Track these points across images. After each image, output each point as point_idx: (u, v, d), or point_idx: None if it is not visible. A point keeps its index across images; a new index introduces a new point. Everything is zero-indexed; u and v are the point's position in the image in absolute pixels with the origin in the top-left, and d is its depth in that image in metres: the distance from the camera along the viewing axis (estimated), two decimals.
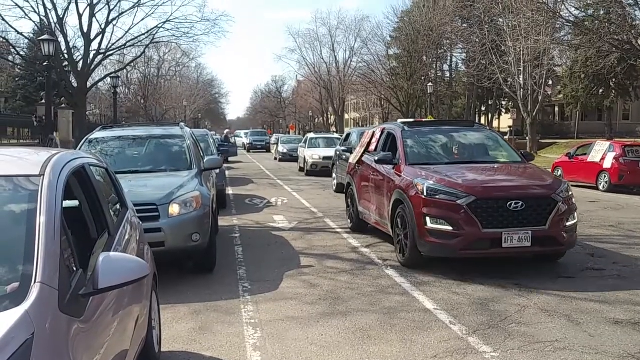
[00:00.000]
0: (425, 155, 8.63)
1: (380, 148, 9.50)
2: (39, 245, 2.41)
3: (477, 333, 5.21)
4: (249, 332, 5.27)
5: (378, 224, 8.99)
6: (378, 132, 10.04)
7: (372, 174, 9.22)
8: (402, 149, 8.47)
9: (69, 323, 2.31)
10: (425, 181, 7.36)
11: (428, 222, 7.09)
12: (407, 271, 7.43)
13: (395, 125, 9.54)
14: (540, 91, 33.44)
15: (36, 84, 42.82)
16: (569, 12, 27.82)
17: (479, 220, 6.80)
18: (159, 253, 6.02)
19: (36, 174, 2.82)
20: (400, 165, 8.20)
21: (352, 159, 10.85)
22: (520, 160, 8.69)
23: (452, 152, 8.94)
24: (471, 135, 9.40)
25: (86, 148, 8.50)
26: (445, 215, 6.98)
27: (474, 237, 6.86)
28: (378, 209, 8.83)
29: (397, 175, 8.07)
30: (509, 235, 6.78)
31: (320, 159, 22.43)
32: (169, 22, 31.28)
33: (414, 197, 7.36)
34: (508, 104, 52.57)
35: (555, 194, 7.10)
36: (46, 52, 18.27)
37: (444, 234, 6.98)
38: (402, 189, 7.69)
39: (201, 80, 78.21)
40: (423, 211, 7.14)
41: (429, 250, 7.21)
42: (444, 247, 7.03)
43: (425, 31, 47.63)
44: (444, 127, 10.03)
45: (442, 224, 7.00)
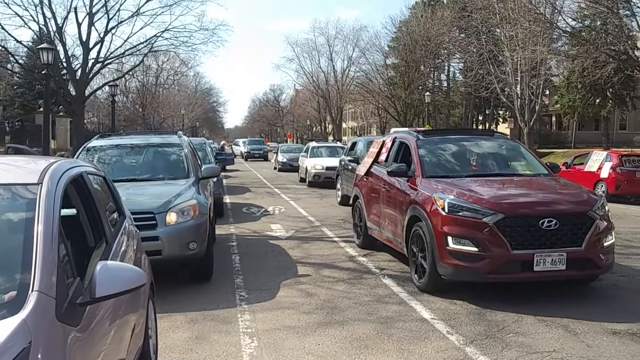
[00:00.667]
0: (442, 167, 7.95)
1: (391, 159, 8.84)
2: (37, 253, 2.41)
3: (475, 343, 5.21)
4: (246, 342, 5.26)
5: (390, 241, 8.30)
6: (389, 141, 9.35)
7: (383, 187, 8.55)
8: (418, 160, 7.79)
9: (66, 332, 2.31)
10: (445, 196, 6.66)
11: (450, 242, 6.38)
12: (404, 280, 7.43)
13: (408, 134, 8.84)
14: (537, 101, 33.54)
15: (34, 92, 42.85)
16: (566, 23, 27.97)
17: (507, 241, 6.12)
18: (156, 261, 6.02)
19: (34, 182, 2.82)
20: (416, 177, 7.55)
21: (359, 170, 10.17)
22: (546, 172, 7.97)
23: (472, 163, 8.22)
24: (491, 145, 8.64)
25: (84, 156, 8.50)
26: (470, 235, 6.28)
27: (503, 260, 6.15)
28: (390, 226, 8.18)
29: (413, 189, 7.42)
30: (542, 257, 6.11)
31: (323, 170, 21.26)
32: (167, 31, 31.25)
33: (433, 213, 6.68)
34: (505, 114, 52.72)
35: (592, 210, 6.43)
36: (45, 60, 18.29)
37: (468, 255, 6.26)
38: (419, 205, 7.02)
39: (199, 89, 78.39)
40: (444, 230, 6.45)
41: (452, 273, 6.46)
42: (468, 270, 6.29)
43: (423, 41, 47.82)
44: (461, 136, 9.23)
45: (466, 244, 6.29)
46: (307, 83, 68.53)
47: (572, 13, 28.55)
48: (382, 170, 8.78)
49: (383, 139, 9.82)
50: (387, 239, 8.44)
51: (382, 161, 9.15)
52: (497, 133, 9.60)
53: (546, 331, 5.47)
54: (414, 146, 8.13)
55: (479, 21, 35.75)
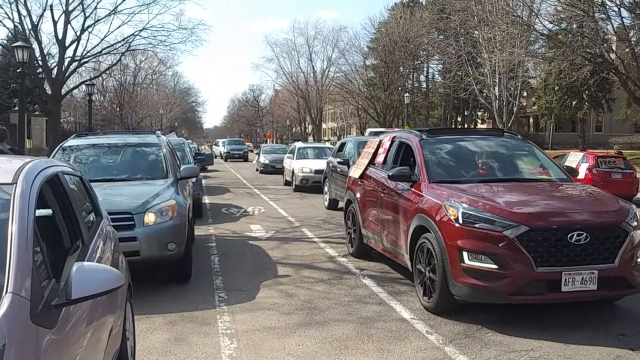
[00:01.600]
0: (451, 171, 7.13)
1: (390, 160, 8.08)
2: (11, 254, 2.36)
3: (454, 342, 5.23)
4: (225, 343, 5.22)
5: (390, 252, 7.55)
6: (387, 141, 8.51)
7: (382, 192, 7.76)
8: (423, 163, 6.97)
9: (40, 334, 2.27)
10: (458, 204, 5.85)
11: (465, 258, 5.58)
12: (384, 280, 7.44)
13: (410, 134, 7.94)
14: (515, 102, 33.94)
15: (9, 90, 42.12)
16: (543, 26, 28.34)
17: (531, 257, 5.36)
18: (134, 262, 5.95)
19: (8, 182, 2.77)
20: (421, 182, 6.75)
21: (353, 173, 9.34)
22: (565, 177, 7.23)
23: (483, 166, 7.47)
24: (501, 146, 7.80)
25: (60, 156, 8.38)
26: (488, 250, 5.48)
27: (526, 279, 5.41)
28: (390, 236, 7.41)
29: (417, 195, 6.63)
30: (570, 275, 5.37)
31: (311, 173, 19.68)
32: (145, 30, 31.13)
33: (444, 224, 5.86)
34: (484, 115, 53.28)
35: (626, 222, 5.69)
36: (20, 58, 18.00)
37: (486, 273, 5.47)
38: (427, 214, 6.23)
39: (178, 89, 77.96)
40: (458, 244, 5.64)
41: (467, 294, 5.65)
42: (487, 291, 5.51)
43: (402, 42, 48.12)
44: (469, 136, 8.33)
45: (484, 260, 5.50)
46: (287, 83, 68.49)
47: (548, 16, 28.96)
48: (381, 173, 8.09)
49: (380, 139, 8.99)
50: (386, 250, 7.71)
51: (380, 163, 8.44)
52: (507, 132, 8.62)
53: (524, 330, 5.50)
54: (417, 147, 7.28)
55: (457, 23, 36.09)
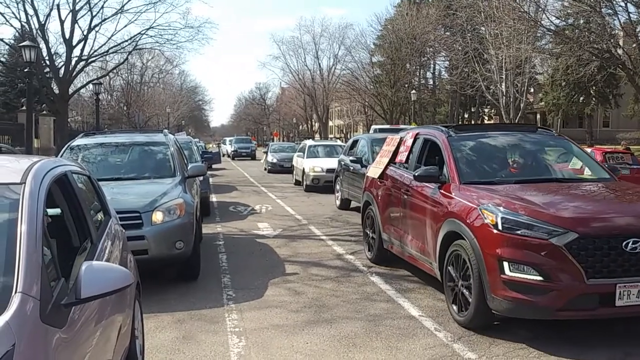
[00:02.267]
0: (483, 171, 6.57)
1: (414, 159, 7.47)
2: (20, 254, 2.37)
3: (462, 340, 5.22)
4: (234, 341, 5.23)
5: (415, 260, 6.95)
6: (409, 138, 7.87)
7: (406, 193, 7.18)
8: (453, 162, 6.39)
9: (50, 333, 2.27)
10: (496, 209, 5.28)
11: (506, 268, 5.01)
12: (392, 278, 7.43)
13: (436, 130, 7.33)
14: (522, 98, 33.77)
15: (17, 90, 42.32)
16: (550, 21, 28.16)
17: (582, 267, 4.82)
18: (142, 261, 5.98)
19: (17, 181, 2.78)
20: (451, 183, 6.19)
21: (371, 172, 8.72)
22: (608, 176, 6.65)
23: (515, 165, 6.96)
24: (536, 143, 7.24)
25: (68, 155, 8.41)
26: (533, 260, 4.93)
27: (576, 292, 4.85)
28: (416, 241, 6.83)
29: (447, 198, 6.08)
30: (626, 288, 4.80)
31: (323, 172, 18.78)
32: (152, 29, 31.08)
33: (480, 231, 5.31)
34: (490, 111, 53.08)
35: None
36: (27, 58, 18.08)
37: (530, 286, 4.92)
38: (459, 218, 5.65)
39: (185, 87, 78.06)
40: (497, 253, 5.08)
41: (508, 309, 5.08)
42: (531, 305, 4.95)
43: (408, 39, 47.97)
44: (499, 132, 7.57)
45: (527, 271, 4.94)
46: (293, 81, 68.45)
47: (555, 11, 28.76)
48: (404, 173, 7.50)
49: (400, 136, 8.38)
50: (410, 257, 7.11)
51: (402, 162, 7.81)
52: (541, 128, 7.96)
53: (533, 326, 5.49)
54: (445, 145, 6.71)
55: (464, 19, 35.93)
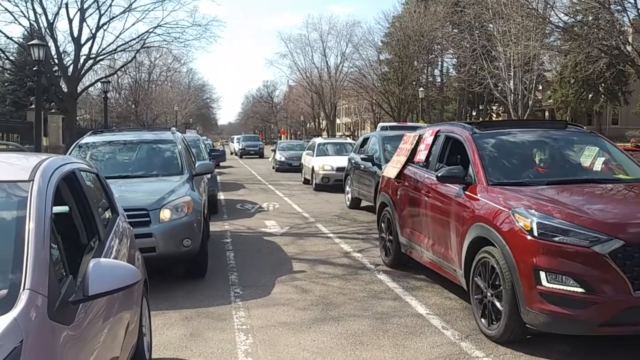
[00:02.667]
0: (512, 171, 6.08)
1: (435, 158, 7.00)
2: (28, 251, 2.38)
3: (470, 338, 5.21)
4: (241, 338, 5.24)
5: (437, 266, 6.53)
6: (429, 135, 7.38)
7: (427, 195, 6.72)
8: (479, 162, 5.91)
9: (58, 330, 2.29)
10: (531, 212, 4.85)
11: (543, 279, 4.60)
12: (400, 276, 7.42)
13: (459, 127, 6.85)
14: (530, 96, 33.64)
15: (26, 88, 42.57)
16: (558, 18, 28.02)
17: (628, 278, 4.39)
18: (150, 258, 6.00)
19: (25, 179, 2.79)
20: (477, 185, 5.73)
21: (388, 172, 8.23)
22: None
23: (541, 164, 6.41)
24: (567, 140, 6.75)
25: (76, 153, 8.44)
26: (573, 270, 4.50)
27: (622, 305, 4.42)
28: (438, 246, 6.40)
29: (473, 200, 5.63)
30: None
31: (333, 170, 18.37)
32: (160, 27, 31.13)
33: (513, 237, 4.87)
34: (499, 109, 52.88)
35: None
36: (36, 57, 18.16)
37: (570, 299, 4.50)
38: (489, 223, 5.21)
39: (192, 85, 78.14)
40: (533, 262, 4.65)
41: (545, 323, 4.65)
42: (571, 320, 4.51)
43: (416, 36, 47.84)
44: (527, 129, 7.03)
45: (567, 282, 4.52)
46: (301, 79, 68.43)
47: (564, 8, 28.64)
48: (424, 173, 7.05)
49: (419, 133, 7.89)
50: (431, 262, 6.69)
51: (421, 161, 7.33)
52: (571, 124, 7.46)
53: None
54: (470, 143, 6.23)
55: (472, 16, 35.80)
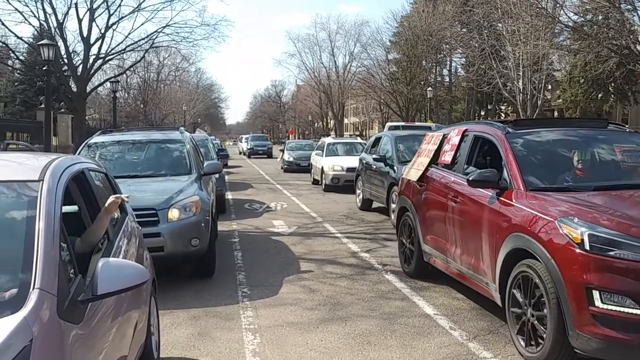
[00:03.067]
0: (553, 175, 5.50)
1: (463, 160, 6.44)
2: (38, 251, 2.40)
3: (478, 338, 5.19)
4: (248, 338, 5.26)
5: (464, 277, 5.99)
6: (455, 135, 6.81)
7: (454, 200, 6.16)
8: (515, 165, 5.35)
9: (67, 329, 2.30)
10: (580, 222, 4.32)
11: (596, 299, 4.09)
12: (407, 276, 7.41)
13: (490, 126, 6.23)
14: (539, 96, 33.48)
15: (35, 88, 42.78)
16: (568, 17, 27.88)
17: None
18: (158, 258, 6.02)
19: (35, 179, 2.81)
20: (514, 190, 5.18)
21: (409, 174, 7.66)
22: None
23: (590, 167, 5.76)
24: (609, 141, 6.05)
25: (85, 153, 8.49)
26: (631, 289, 4.01)
27: None
28: (467, 257, 5.85)
29: (510, 207, 5.10)
30: None
31: (343, 171, 18.07)
32: (168, 27, 31.27)
33: (560, 250, 4.34)
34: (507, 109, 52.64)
35: None
36: (46, 56, 18.27)
37: (629, 322, 4.01)
38: (529, 233, 4.68)
39: (201, 85, 78.37)
40: (584, 278, 4.14)
41: (597, 348, 4.13)
42: (628, 345, 4.02)
43: (424, 36, 47.75)
44: (565, 128, 6.45)
45: (625, 303, 4.02)
46: (309, 78, 68.44)
47: (574, 7, 28.47)
48: (450, 176, 6.50)
49: (443, 132, 7.36)
50: (459, 274, 6.15)
51: (446, 162, 6.78)
52: (612, 123, 6.89)
53: None
54: (503, 143, 5.68)
55: (480, 16, 35.69)
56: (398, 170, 11.47)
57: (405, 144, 12.84)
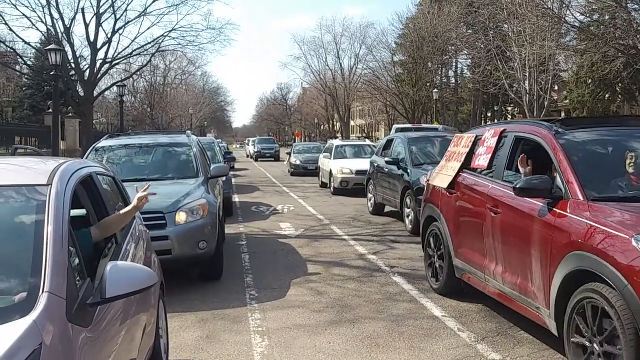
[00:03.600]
0: (618, 183, 4.75)
1: (502, 165, 5.72)
2: (47, 255, 2.41)
3: (486, 340, 5.18)
4: (257, 341, 5.26)
5: (509, 299, 5.25)
6: (491, 137, 6.09)
7: (493, 210, 5.42)
8: (571, 170, 4.62)
9: (76, 333, 2.31)
10: None
11: None
12: (415, 278, 7.39)
13: (536, 126, 5.48)
14: (546, 96, 33.37)
15: (43, 93, 43.01)
16: (574, 18, 27.78)
17: None
18: (166, 261, 6.04)
19: (44, 183, 2.83)
20: (570, 200, 4.47)
21: (437, 180, 6.89)
22: None
23: None
24: None
25: (93, 157, 8.53)
26: None
27: None
28: (511, 276, 5.12)
29: (566, 219, 4.40)
30: None
31: (352, 174, 17.76)
32: (174, 31, 31.41)
33: None
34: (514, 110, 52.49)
35: None
36: (53, 61, 18.37)
37: None
38: (596, 252, 3.96)
39: (207, 89, 78.63)
40: None
41: None
42: None
43: (430, 38, 47.74)
44: (623, 128, 5.67)
45: None
46: (315, 81, 68.50)
47: (580, 7, 28.38)
48: (488, 183, 5.76)
49: (475, 134, 6.64)
50: (501, 295, 5.41)
51: (482, 167, 6.06)
52: None
53: None
54: (555, 145, 4.94)
55: (486, 17, 35.60)
56: (412, 173, 11.30)
57: (419, 146, 12.51)
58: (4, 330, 2.09)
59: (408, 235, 10.72)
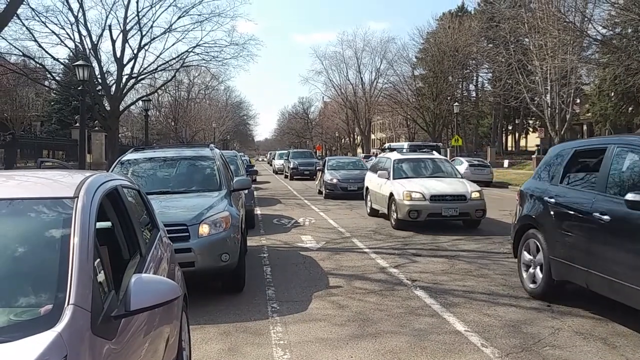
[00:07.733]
0: None
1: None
2: (72, 267, 2.43)
3: (510, 356, 5.10)
4: (278, 354, 5.24)
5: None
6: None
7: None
8: None
9: (101, 345, 2.32)
10: None
11: None
12: (437, 292, 7.33)
13: None
14: (568, 110, 33.05)
15: (71, 107, 43.79)
16: (596, 31, 27.53)
17: None
18: (189, 273, 6.06)
19: (70, 196, 2.86)
20: None
21: None
22: None
23: None
24: None
25: (118, 170, 8.63)
26: None
27: None
28: None
29: None
30: None
31: (425, 200, 12.82)
32: (198, 47, 31.77)
33: None
34: (535, 123, 52.09)
35: None
36: (81, 77, 18.72)
37: None
38: None
39: (230, 103, 79.38)
40: None
41: None
42: None
43: (450, 52, 47.70)
44: None
45: None
46: (336, 95, 68.79)
47: (602, 21, 28.13)
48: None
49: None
50: None
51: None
52: None
53: (584, 344, 5.33)
54: None
55: (507, 31, 35.46)
56: None
57: None
58: (29, 342, 2.11)
59: (429, 249, 10.64)
